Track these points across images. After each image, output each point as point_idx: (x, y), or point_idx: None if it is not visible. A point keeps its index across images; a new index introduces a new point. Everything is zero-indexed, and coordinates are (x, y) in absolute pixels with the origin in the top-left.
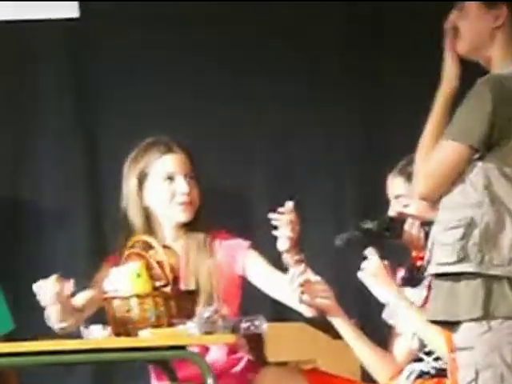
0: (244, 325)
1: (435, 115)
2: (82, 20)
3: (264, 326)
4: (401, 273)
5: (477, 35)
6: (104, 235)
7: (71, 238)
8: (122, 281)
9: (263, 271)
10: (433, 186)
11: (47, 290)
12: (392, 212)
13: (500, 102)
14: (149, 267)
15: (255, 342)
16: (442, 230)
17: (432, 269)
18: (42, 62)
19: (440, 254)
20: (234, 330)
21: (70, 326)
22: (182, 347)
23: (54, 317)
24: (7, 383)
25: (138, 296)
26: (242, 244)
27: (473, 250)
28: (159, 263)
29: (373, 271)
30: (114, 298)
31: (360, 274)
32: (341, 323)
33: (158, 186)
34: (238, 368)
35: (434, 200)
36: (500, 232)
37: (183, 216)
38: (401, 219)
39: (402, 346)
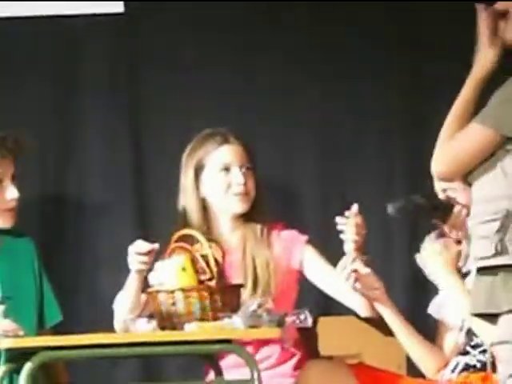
0: (290, 319)
1: (464, 96)
2: (128, 15)
3: (310, 319)
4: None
5: None
6: (148, 227)
7: (116, 230)
8: (167, 274)
9: (320, 268)
10: (454, 167)
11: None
12: (442, 196)
13: None
14: (194, 261)
15: (305, 336)
16: (478, 223)
17: (471, 263)
18: (90, 59)
19: (478, 248)
20: (280, 323)
21: (133, 318)
22: (228, 341)
23: (125, 306)
24: (56, 375)
25: (183, 290)
26: (299, 238)
27: (511, 242)
28: (204, 257)
29: (437, 250)
30: (158, 291)
31: (420, 255)
32: (390, 315)
33: (214, 177)
34: (290, 363)
35: (450, 181)
36: None
37: (239, 207)
38: (450, 204)
39: (448, 339)
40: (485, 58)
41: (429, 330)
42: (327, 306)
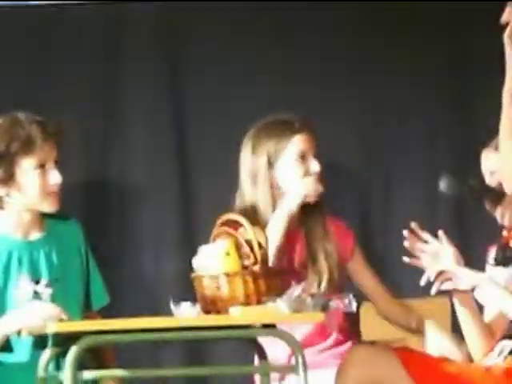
0: (334, 303)
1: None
2: (171, 4)
3: (354, 304)
4: (492, 252)
5: None
6: (190, 213)
7: (158, 215)
8: (212, 259)
9: (366, 271)
10: None
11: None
12: (489, 179)
13: None
14: (238, 246)
15: (349, 321)
16: None
17: None
18: (134, 46)
19: None
20: (324, 308)
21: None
22: (272, 325)
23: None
24: (104, 357)
25: (227, 274)
26: (349, 232)
27: None
28: (248, 242)
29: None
30: (203, 275)
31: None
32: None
33: (291, 165)
34: (327, 343)
35: None
36: None
37: (315, 195)
38: (502, 188)
39: (496, 323)
40: None
41: None
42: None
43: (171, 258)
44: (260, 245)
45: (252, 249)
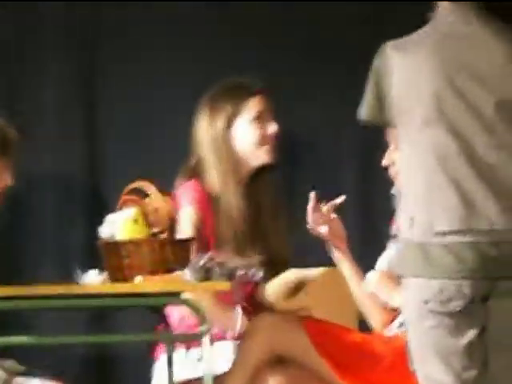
0: (240, 272)
1: None
2: None
3: (260, 274)
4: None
5: None
6: (98, 180)
7: (66, 184)
8: (118, 226)
9: None
10: None
11: None
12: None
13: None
14: (145, 213)
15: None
16: None
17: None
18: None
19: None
20: (230, 277)
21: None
22: (177, 293)
23: None
24: None
25: (133, 242)
26: None
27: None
28: (156, 210)
29: (375, 287)
30: (109, 243)
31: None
32: (347, 264)
33: (249, 126)
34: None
35: None
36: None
37: (270, 158)
38: None
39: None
40: None
41: None
42: None
43: (79, 225)
44: (168, 213)
45: (159, 217)
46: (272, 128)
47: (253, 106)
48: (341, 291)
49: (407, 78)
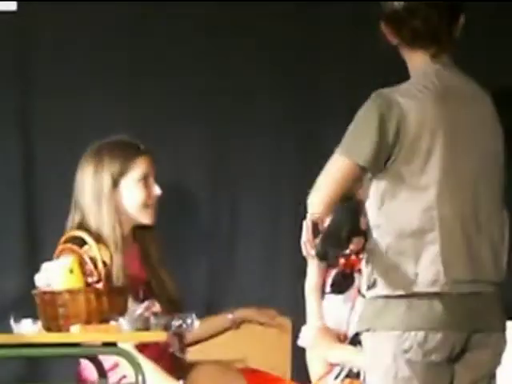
0: (176, 322)
1: None
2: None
3: (196, 324)
4: (329, 279)
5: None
6: (35, 229)
7: (1, 230)
8: (54, 276)
9: None
10: (317, 200)
11: None
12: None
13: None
14: (81, 263)
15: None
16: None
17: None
18: None
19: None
20: (166, 327)
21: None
22: (113, 344)
23: None
24: None
25: (69, 291)
26: None
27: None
28: (92, 259)
29: (311, 343)
30: (45, 292)
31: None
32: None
33: (134, 186)
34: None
35: (322, 216)
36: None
37: (150, 219)
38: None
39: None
40: None
41: None
42: (212, 310)
43: (14, 274)
44: (104, 263)
45: (96, 266)
46: (156, 190)
47: (139, 167)
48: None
49: (420, 126)
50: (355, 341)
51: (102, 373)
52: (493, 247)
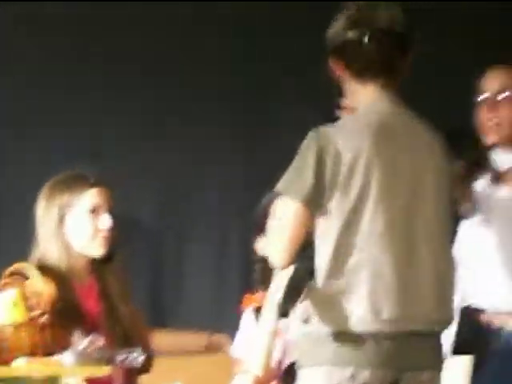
0: (120, 357)
1: None
2: None
3: (141, 358)
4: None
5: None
6: None
7: None
8: None
9: None
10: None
11: None
12: None
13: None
14: (25, 296)
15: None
16: None
17: None
18: None
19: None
20: (110, 361)
21: None
22: (56, 378)
23: None
24: None
25: (12, 325)
26: None
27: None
28: (36, 293)
29: None
30: None
31: None
32: None
33: (82, 220)
34: None
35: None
36: None
37: (102, 251)
38: None
39: None
40: None
41: None
42: None
43: None
44: (49, 296)
45: (40, 300)
46: (105, 222)
47: (87, 199)
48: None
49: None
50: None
51: None
52: (436, 285)
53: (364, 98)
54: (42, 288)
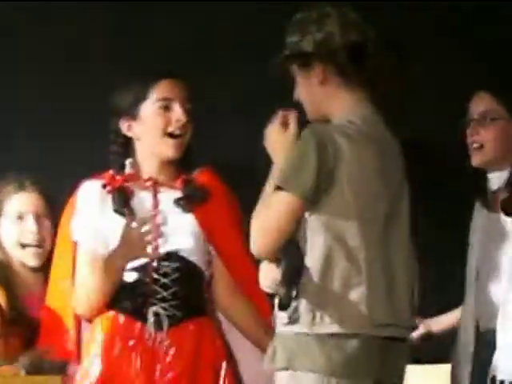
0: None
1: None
2: None
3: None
4: None
5: (310, 98)
6: None
7: None
8: None
9: None
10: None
11: None
12: None
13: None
14: None
15: None
16: None
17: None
18: None
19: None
20: (61, 371)
21: None
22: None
23: None
24: None
25: None
26: None
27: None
28: None
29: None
30: None
31: None
32: None
33: (9, 226)
34: None
35: (269, 256)
36: None
37: (33, 260)
38: None
39: None
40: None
41: None
42: None
43: None
44: (0, 306)
45: None
46: (30, 228)
47: (15, 205)
48: None
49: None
50: None
51: None
52: (408, 293)
53: (345, 105)
54: None
